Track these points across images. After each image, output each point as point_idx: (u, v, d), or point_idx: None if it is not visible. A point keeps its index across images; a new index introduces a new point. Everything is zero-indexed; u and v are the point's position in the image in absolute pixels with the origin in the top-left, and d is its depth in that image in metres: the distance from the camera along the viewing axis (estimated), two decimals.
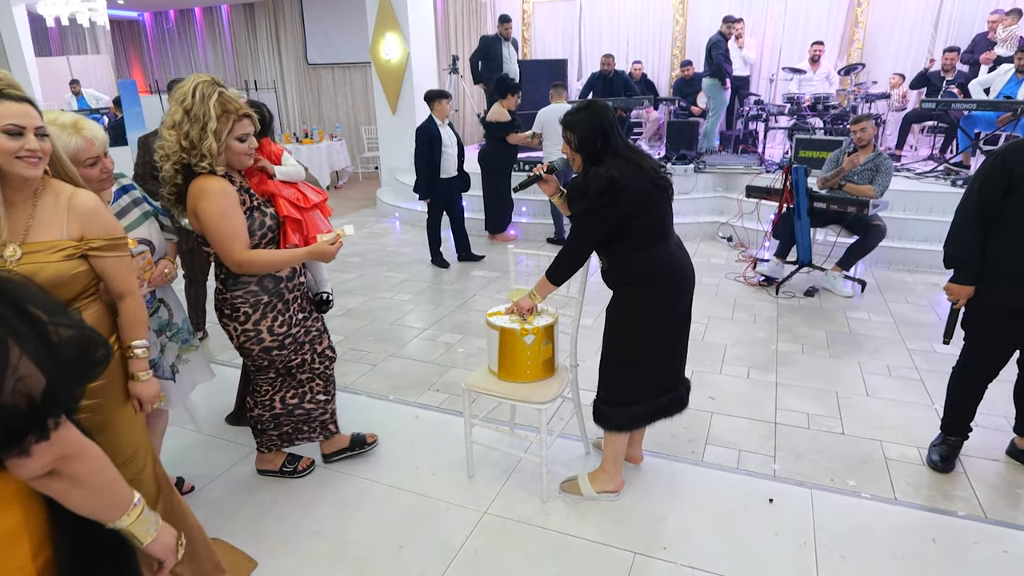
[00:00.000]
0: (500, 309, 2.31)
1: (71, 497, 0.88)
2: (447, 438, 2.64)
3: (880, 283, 4.58)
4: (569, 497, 2.26)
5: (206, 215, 1.85)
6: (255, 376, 2.22)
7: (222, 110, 1.82)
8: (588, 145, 2.00)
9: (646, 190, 1.95)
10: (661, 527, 2.12)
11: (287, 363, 2.19)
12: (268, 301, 2.04)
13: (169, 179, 1.88)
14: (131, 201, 1.94)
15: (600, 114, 1.99)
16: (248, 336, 2.05)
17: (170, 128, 1.81)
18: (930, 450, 2.45)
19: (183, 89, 1.80)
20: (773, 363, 3.33)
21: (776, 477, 2.38)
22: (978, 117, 5.84)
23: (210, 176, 1.86)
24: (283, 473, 2.40)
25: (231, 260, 1.90)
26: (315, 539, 2.10)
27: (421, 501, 2.27)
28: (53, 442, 0.80)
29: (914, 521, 2.12)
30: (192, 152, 1.81)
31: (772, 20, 8.46)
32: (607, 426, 2.18)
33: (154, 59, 12.97)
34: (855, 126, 4.24)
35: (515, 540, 2.07)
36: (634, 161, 1.98)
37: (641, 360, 2.10)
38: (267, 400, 2.26)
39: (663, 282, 2.04)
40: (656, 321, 2.07)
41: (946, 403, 2.44)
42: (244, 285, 2.01)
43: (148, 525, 1.01)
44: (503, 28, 6.84)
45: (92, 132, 1.67)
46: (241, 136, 1.89)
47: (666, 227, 2.05)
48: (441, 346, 3.66)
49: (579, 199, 2.01)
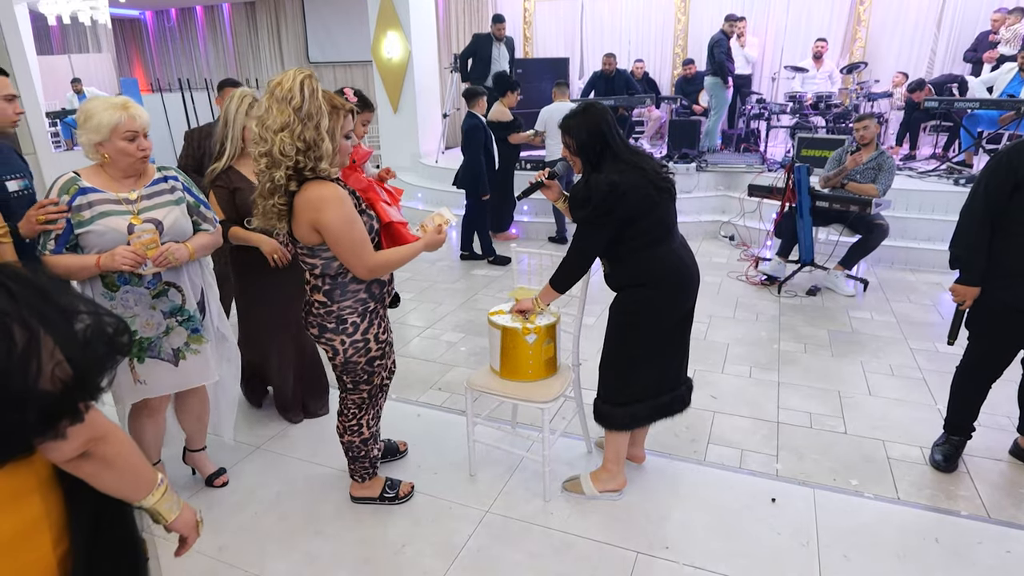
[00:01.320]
0: (503, 308, 2.31)
1: (102, 478, 0.91)
2: (449, 437, 2.64)
3: (882, 282, 4.57)
4: (571, 496, 2.26)
5: (335, 225, 1.71)
6: (346, 397, 2.08)
7: (330, 106, 1.69)
8: (587, 149, 1.98)
9: (647, 193, 1.94)
10: (663, 526, 2.11)
11: (381, 375, 2.07)
12: (374, 308, 1.94)
13: (281, 187, 1.70)
14: (168, 188, 1.99)
15: (598, 117, 1.96)
16: (357, 348, 1.92)
17: (278, 131, 1.63)
18: (933, 450, 2.44)
19: (286, 86, 1.63)
20: (775, 362, 3.33)
21: (779, 477, 2.38)
22: (981, 116, 5.82)
23: (323, 182, 1.72)
24: (383, 500, 2.24)
25: (364, 267, 1.78)
26: (318, 538, 2.10)
27: (423, 500, 2.27)
28: (86, 424, 0.82)
29: (917, 521, 2.12)
30: (308, 154, 1.66)
31: (774, 18, 8.44)
32: (608, 425, 2.18)
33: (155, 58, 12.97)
34: (857, 124, 4.24)
35: (517, 539, 2.07)
36: (634, 163, 1.96)
37: (641, 359, 2.10)
38: (355, 424, 2.11)
39: (666, 283, 2.03)
40: (658, 321, 2.06)
41: (949, 403, 2.43)
42: (353, 294, 1.88)
43: (172, 503, 1.05)
44: (496, 28, 6.81)
45: (136, 112, 1.87)
46: (348, 134, 1.78)
47: (668, 228, 2.04)
48: (443, 345, 3.66)
49: (581, 206, 2.00)
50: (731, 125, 7.69)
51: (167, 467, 2.38)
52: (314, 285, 1.90)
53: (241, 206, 2.39)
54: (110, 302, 1.91)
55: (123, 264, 1.82)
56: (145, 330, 1.97)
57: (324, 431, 2.69)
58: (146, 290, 1.95)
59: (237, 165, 2.43)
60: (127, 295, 1.93)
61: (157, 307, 1.98)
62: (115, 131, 1.82)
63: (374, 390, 2.10)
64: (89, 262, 1.83)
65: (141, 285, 1.93)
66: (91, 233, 1.84)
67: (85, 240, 1.85)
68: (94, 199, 1.85)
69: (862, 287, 4.39)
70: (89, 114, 1.81)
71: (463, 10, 9.66)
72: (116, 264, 1.81)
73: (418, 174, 7.48)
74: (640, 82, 7.95)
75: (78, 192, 1.83)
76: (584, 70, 9.25)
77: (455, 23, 9.72)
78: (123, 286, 1.92)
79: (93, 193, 1.85)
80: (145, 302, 1.96)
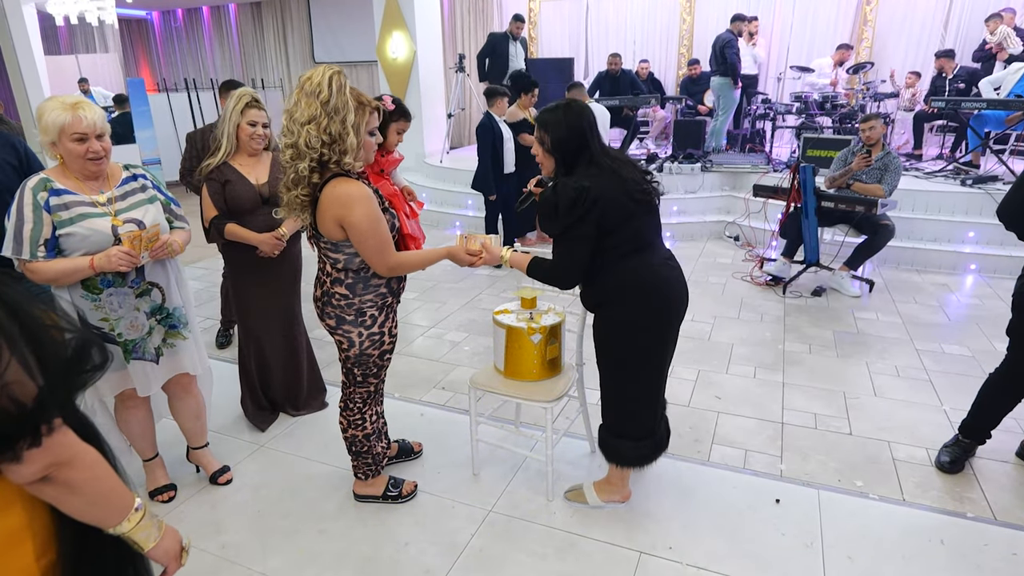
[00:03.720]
0: (508, 307, 2.30)
1: (66, 503, 0.86)
2: (452, 436, 2.64)
3: (888, 283, 4.55)
4: None
5: (363, 222, 1.74)
6: (352, 391, 2.08)
7: (357, 102, 1.72)
8: (563, 147, 1.84)
9: (622, 202, 1.80)
10: (667, 527, 2.11)
11: (386, 369, 2.10)
12: (390, 302, 1.99)
13: (305, 179, 1.73)
14: (139, 187, 2.00)
15: (579, 115, 1.84)
16: (373, 340, 1.96)
17: (304, 123, 1.68)
18: (940, 451, 2.42)
19: (315, 80, 1.67)
20: (780, 363, 3.32)
21: (783, 477, 2.37)
22: (988, 116, 5.79)
23: (349, 179, 1.76)
24: (386, 498, 2.23)
25: (385, 265, 1.83)
26: (321, 536, 2.11)
27: (426, 499, 2.27)
28: (45, 448, 0.77)
29: (922, 522, 2.10)
30: (333, 148, 1.70)
31: (780, 18, 8.42)
32: (617, 461, 2.07)
33: (162, 58, 13.03)
34: (864, 124, 4.22)
35: (520, 539, 2.07)
36: (611, 169, 1.83)
37: (628, 384, 1.96)
38: (359, 419, 2.12)
39: (641, 300, 1.86)
40: (633, 342, 1.90)
41: (974, 407, 2.37)
42: (375, 288, 1.92)
43: (149, 531, 0.97)
44: (514, 26, 6.81)
45: (85, 113, 1.78)
46: (372, 131, 1.81)
47: (646, 241, 1.88)
48: (447, 344, 3.67)
49: (551, 217, 1.82)
50: (737, 125, 7.66)
51: (172, 469, 2.38)
52: (335, 278, 1.91)
53: (231, 200, 2.45)
54: (93, 304, 1.91)
55: (119, 264, 1.83)
56: (130, 332, 1.98)
57: (327, 430, 2.70)
58: (130, 289, 1.95)
59: (232, 161, 2.48)
60: (111, 298, 1.92)
61: (140, 307, 1.99)
62: (63, 132, 1.77)
63: (380, 384, 2.13)
64: (82, 264, 1.82)
65: (124, 285, 1.94)
66: (74, 236, 1.83)
67: (67, 242, 1.83)
68: (69, 200, 1.83)
69: (868, 288, 4.36)
70: (40, 113, 1.78)
71: (468, 10, 9.66)
72: (112, 265, 1.82)
73: (423, 174, 7.48)
74: (645, 82, 7.94)
75: (51, 192, 1.81)
76: (589, 71, 9.24)
77: (460, 23, 9.72)
78: (106, 288, 1.91)
79: (67, 195, 1.84)
80: (129, 303, 1.96)
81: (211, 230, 2.52)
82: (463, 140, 9.53)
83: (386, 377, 2.18)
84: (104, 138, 1.86)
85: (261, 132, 2.44)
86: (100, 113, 1.84)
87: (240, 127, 2.41)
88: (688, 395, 3.00)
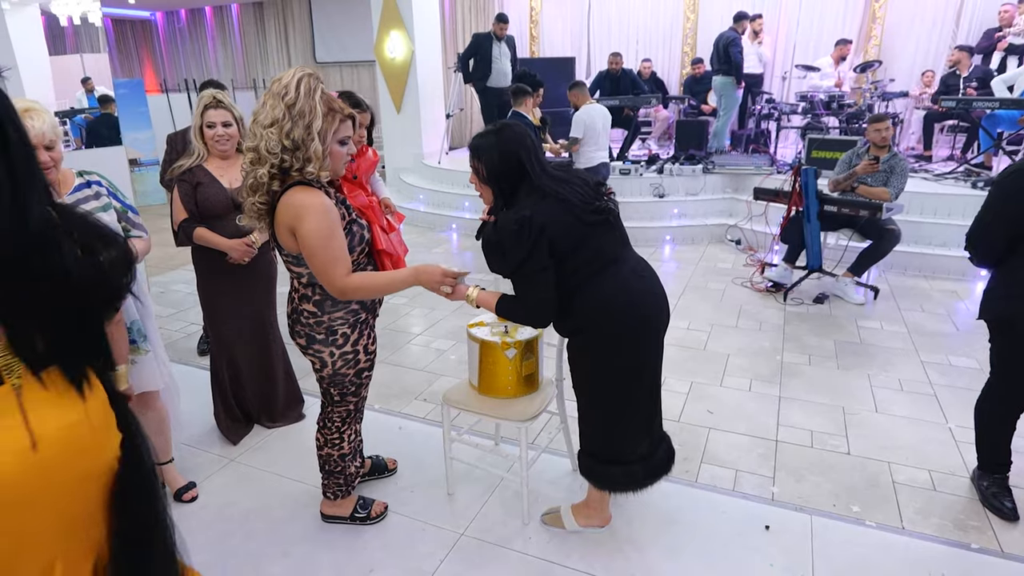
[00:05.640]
0: (483, 319, 2.19)
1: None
2: (430, 452, 2.53)
3: (894, 290, 4.38)
4: None
5: (311, 236, 1.61)
6: (331, 410, 1.99)
7: (327, 108, 1.62)
8: (499, 176, 1.71)
9: (571, 225, 1.66)
10: (648, 554, 1.98)
11: (367, 386, 2.00)
12: (364, 318, 1.87)
13: (263, 185, 1.63)
14: (93, 194, 1.92)
15: (514, 140, 1.71)
16: (347, 359, 1.85)
17: (267, 127, 1.58)
18: (998, 496, 2.16)
19: (283, 82, 1.59)
20: (777, 375, 3.18)
21: (774, 501, 2.24)
22: (1001, 116, 5.60)
23: (309, 188, 1.63)
24: (353, 519, 2.13)
25: (334, 287, 1.67)
26: (284, 559, 2.00)
27: (397, 520, 2.16)
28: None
29: (922, 553, 1.96)
30: (296, 154, 1.59)
31: (786, 16, 8.24)
32: (601, 486, 1.93)
33: (165, 58, 13.05)
34: (877, 125, 4.04)
35: (492, 565, 1.95)
36: (555, 193, 1.68)
37: (612, 407, 1.84)
38: (337, 438, 2.01)
39: (615, 321, 1.73)
40: (620, 364, 1.77)
41: (976, 441, 2.22)
42: (345, 305, 1.80)
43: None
44: (498, 27, 6.67)
45: (33, 122, 1.69)
46: (343, 139, 1.69)
47: (610, 258, 1.74)
48: (433, 352, 3.56)
49: (497, 256, 1.70)
50: (741, 125, 7.50)
51: None
52: (303, 295, 1.80)
53: (203, 202, 2.37)
54: None
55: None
56: None
57: (302, 444, 2.60)
58: None
59: (207, 164, 2.42)
60: None
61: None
62: None
63: (360, 402, 2.02)
64: None
65: None
66: None
67: None
68: None
69: (872, 295, 4.21)
70: None
71: (468, 9, 9.56)
72: None
73: (421, 175, 7.38)
74: (648, 82, 7.79)
75: None
76: (591, 70, 9.11)
77: (460, 22, 9.62)
78: None
79: None
80: None
81: (179, 234, 2.44)
82: (462, 140, 9.43)
83: (367, 395, 2.07)
84: (55, 148, 1.76)
85: (222, 132, 2.35)
86: (50, 121, 1.75)
87: (202, 129, 2.35)
88: (679, 409, 2.87)
